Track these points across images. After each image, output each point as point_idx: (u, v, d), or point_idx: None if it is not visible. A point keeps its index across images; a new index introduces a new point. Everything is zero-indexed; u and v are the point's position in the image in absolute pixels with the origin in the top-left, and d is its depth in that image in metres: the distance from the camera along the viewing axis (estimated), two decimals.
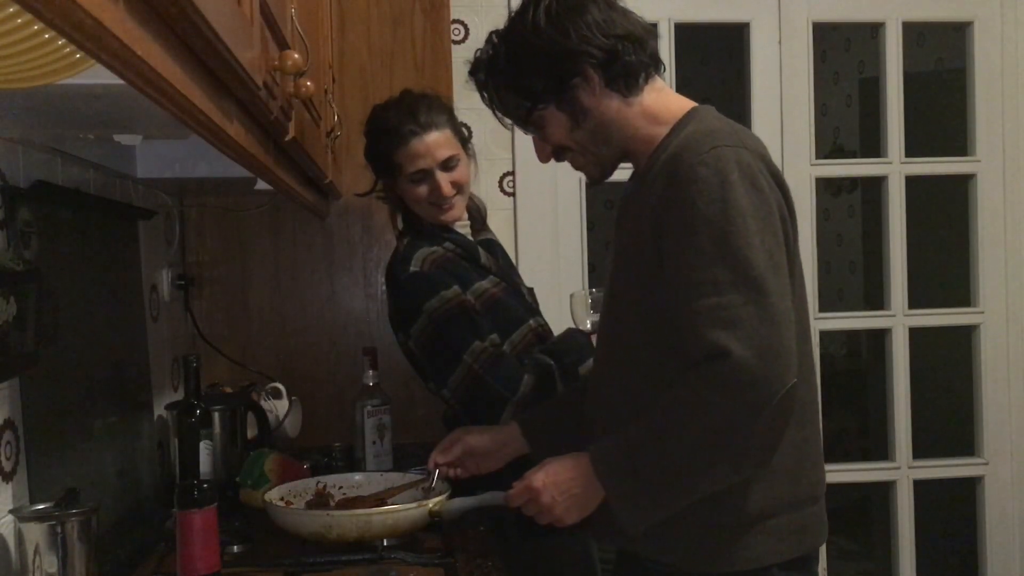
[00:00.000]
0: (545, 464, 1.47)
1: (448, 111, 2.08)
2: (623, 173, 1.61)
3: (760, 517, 1.41)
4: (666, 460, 1.34)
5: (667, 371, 1.39)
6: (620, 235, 1.54)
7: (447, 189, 2.01)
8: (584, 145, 1.53)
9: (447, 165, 2.02)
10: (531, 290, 2.20)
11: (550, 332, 2.10)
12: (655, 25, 1.58)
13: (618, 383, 1.51)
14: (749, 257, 1.30)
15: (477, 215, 2.21)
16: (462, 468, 1.76)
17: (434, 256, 1.99)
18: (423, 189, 2.02)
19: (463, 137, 2.09)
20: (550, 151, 1.57)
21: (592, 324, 2.01)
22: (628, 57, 1.46)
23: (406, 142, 2.00)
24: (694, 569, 1.43)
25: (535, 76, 1.48)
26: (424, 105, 2.03)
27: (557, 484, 1.43)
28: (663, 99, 1.52)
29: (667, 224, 1.38)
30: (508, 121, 1.58)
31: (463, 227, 2.14)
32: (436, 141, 2.01)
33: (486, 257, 2.10)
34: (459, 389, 1.92)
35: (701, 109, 1.51)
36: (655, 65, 1.52)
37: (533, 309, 2.12)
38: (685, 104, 1.53)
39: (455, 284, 1.96)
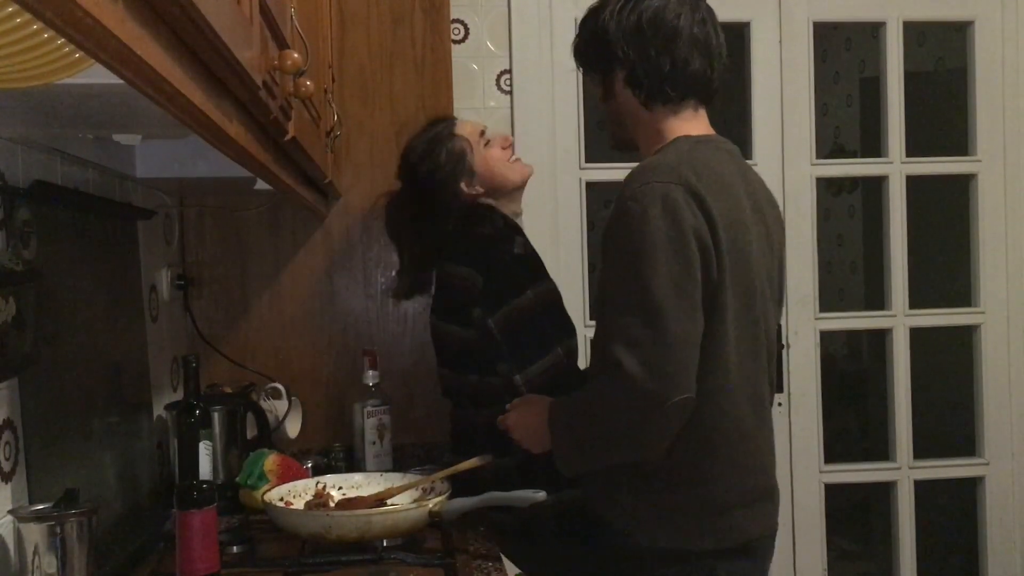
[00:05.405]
0: (521, 404, 1.80)
1: None
2: (621, 173, 1.71)
3: (690, 510, 1.63)
4: (587, 431, 1.63)
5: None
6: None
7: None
8: (608, 115, 1.79)
9: None
10: None
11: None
12: (714, 61, 1.69)
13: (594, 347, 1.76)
14: (650, 284, 1.51)
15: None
16: None
17: (529, 247, 2.09)
18: (495, 147, 2.18)
19: None
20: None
21: None
22: (645, 79, 1.67)
23: (452, 123, 2.19)
24: (655, 543, 1.64)
25: (592, 46, 1.75)
26: None
27: (525, 426, 1.76)
28: (670, 124, 1.70)
29: (605, 244, 1.62)
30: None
31: None
32: None
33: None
34: (542, 377, 1.94)
35: (677, 141, 1.67)
36: (682, 98, 1.69)
37: None
38: (679, 133, 1.68)
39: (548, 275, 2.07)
